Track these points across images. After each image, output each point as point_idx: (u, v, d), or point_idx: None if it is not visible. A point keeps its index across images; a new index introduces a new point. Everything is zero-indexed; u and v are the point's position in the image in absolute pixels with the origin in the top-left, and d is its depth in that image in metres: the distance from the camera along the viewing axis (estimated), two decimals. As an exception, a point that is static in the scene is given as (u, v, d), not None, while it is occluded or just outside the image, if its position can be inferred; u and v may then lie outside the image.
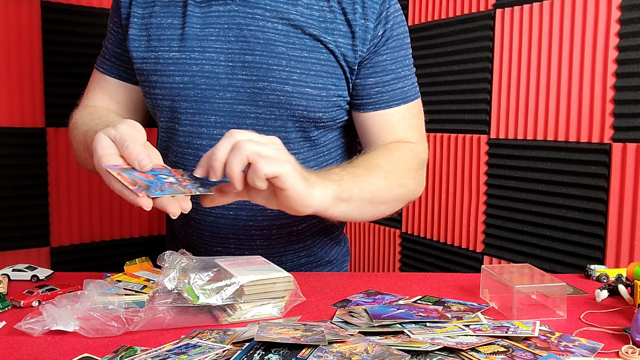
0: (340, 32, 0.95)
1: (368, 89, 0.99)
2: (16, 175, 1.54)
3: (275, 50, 0.93)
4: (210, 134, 0.97)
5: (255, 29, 0.94)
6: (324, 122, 0.99)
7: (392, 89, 1.00)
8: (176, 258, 0.79)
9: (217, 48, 0.94)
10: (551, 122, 1.45)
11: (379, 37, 0.97)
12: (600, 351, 0.65)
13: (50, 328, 0.70)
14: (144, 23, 0.98)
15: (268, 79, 0.93)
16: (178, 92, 0.96)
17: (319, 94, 0.95)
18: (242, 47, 0.94)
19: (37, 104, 1.55)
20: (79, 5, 1.61)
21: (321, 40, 0.94)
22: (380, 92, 0.99)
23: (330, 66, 0.95)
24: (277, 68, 0.93)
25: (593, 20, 1.35)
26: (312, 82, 0.94)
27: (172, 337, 0.70)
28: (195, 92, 0.95)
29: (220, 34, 0.94)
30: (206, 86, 0.95)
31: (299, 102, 0.94)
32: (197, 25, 0.95)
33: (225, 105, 0.95)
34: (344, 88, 0.98)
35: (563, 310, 0.78)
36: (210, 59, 0.94)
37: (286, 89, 0.94)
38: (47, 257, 1.61)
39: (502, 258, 1.60)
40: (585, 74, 1.37)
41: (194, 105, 0.96)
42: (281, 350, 0.63)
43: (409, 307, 0.78)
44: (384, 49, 0.98)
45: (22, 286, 0.90)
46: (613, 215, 1.33)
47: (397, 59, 1.00)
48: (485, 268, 0.87)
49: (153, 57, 0.97)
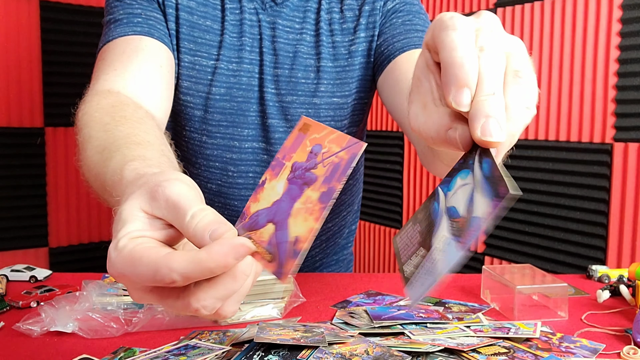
0: (360, 27, 0.92)
1: (396, 32, 0.90)
2: (14, 175, 1.54)
3: (303, 62, 0.91)
4: (242, 147, 0.93)
5: (284, 42, 0.91)
6: (347, 128, 0.97)
7: (414, 35, 0.90)
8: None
9: (253, 59, 0.91)
10: (552, 122, 1.45)
11: (389, 11, 0.92)
12: (601, 352, 0.65)
13: (48, 329, 0.70)
14: (184, 17, 0.87)
15: (297, 92, 0.92)
16: (213, 104, 0.90)
17: (346, 102, 0.94)
18: (272, 60, 0.91)
19: (35, 104, 1.55)
20: (78, 5, 1.61)
21: (344, 45, 0.92)
22: (407, 37, 0.89)
23: (354, 70, 0.93)
24: (305, 81, 0.91)
25: (594, 19, 1.35)
26: (338, 92, 0.93)
27: (171, 338, 0.70)
28: (232, 105, 0.91)
29: (255, 45, 0.91)
30: (242, 99, 0.91)
31: (327, 112, 0.93)
32: (235, 34, 0.90)
33: (257, 119, 0.92)
34: (367, 89, 0.95)
35: (564, 311, 0.77)
36: (247, 71, 0.90)
37: (314, 102, 0.92)
38: (46, 257, 1.61)
39: (503, 258, 1.60)
40: (587, 74, 1.37)
41: (229, 118, 0.91)
42: (281, 351, 0.62)
43: (410, 308, 0.77)
44: (398, 14, 0.92)
45: (20, 287, 0.89)
46: (615, 216, 1.32)
47: (410, 12, 0.92)
48: (486, 269, 0.86)
49: (188, 61, 0.88)
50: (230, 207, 0.94)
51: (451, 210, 0.40)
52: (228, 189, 0.94)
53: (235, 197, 0.94)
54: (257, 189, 0.43)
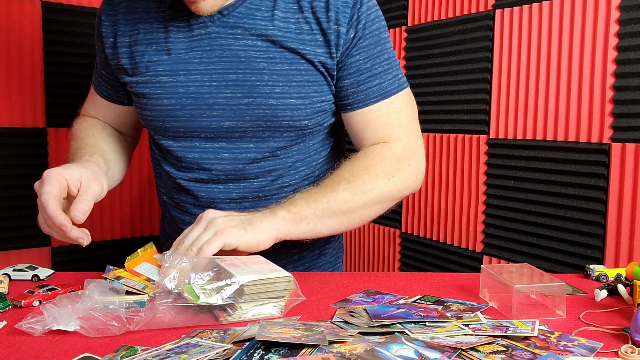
0: (317, 42, 0.98)
1: (344, 91, 1.02)
2: (17, 175, 1.54)
3: (257, 67, 0.98)
4: (203, 147, 1.03)
5: (236, 48, 0.98)
6: (310, 128, 1.02)
7: (367, 87, 1.01)
8: (176, 258, 0.79)
9: (202, 70, 0.99)
10: (550, 122, 1.45)
11: (351, 39, 0.99)
12: (599, 351, 0.65)
13: (51, 328, 0.71)
14: (131, 51, 1.03)
15: (252, 94, 0.98)
16: (167, 114, 1.01)
17: (303, 103, 0.99)
18: (225, 67, 0.99)
19: (37, 105, 1.56)
20: (80, 6, 1.61)
21: (299, 52, 0.98)
22: (356, 92, 1.01)
23: (310, 75, 0.99)
24: (260, 84, 0.98)
25: (592, 20, 1.35)
26: (295, 93, 0.98)
27: (172, 337, 0.70)
28: (184, 113, 1.00)
29: (204, 56, 0.99)
30: (192, 107, 1.00)
31: (284, 113, 0.99)
32: (182, 50, 1.00)
33: (213, 123, 1.00)
34: (327, 93, 1.01)
35: (562, 310, 0.78)
36: (195, 81, 0.99)
37: (270, 102, 0.98)
38: (48, 256, 1.61)
39: (501, 258, 1.60)
40: (585, 74, 1.37)
41: (184, 125, 1.01)
42: (281, 349, 0.63)
43: (409, 307, 0.78)
44: (356, 49, 1.00)
45: (23, 286, 0.90)
46: (612, 215, 1.33)
47: (371, 56, 1.01)
48: (485, 268, 0.87)
49: (142, 82, 1.02)
50: (199, 198, 1.07)
51: None
52: (195, 184, 1.06)
53: (201, 190, 1.06)
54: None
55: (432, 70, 1.78)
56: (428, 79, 1.78)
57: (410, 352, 0.62)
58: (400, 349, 0.63)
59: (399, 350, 0.63)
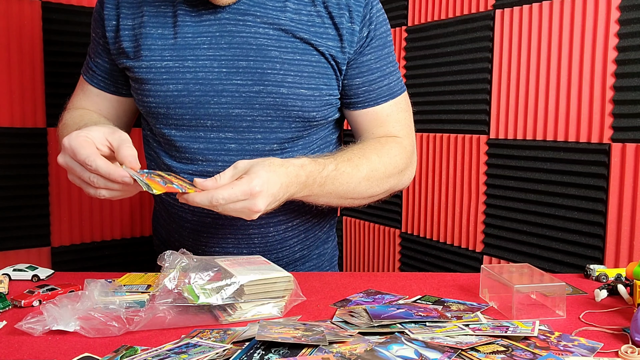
0: (329, 35, 0.99)
1: (356, 89, 1.03)
2: (17, 175, 1.54)
3: (268, 54, 0.96)
4: (208, 137, 1.00)
5: (247, 35, 0.97)
6: (317, 120, 1.02)
7: (378, 87, 1.04)
8: (176, 258, 0.79)
9: (210, 55, 0.97)
10: (550, 122, 1.45)
11: (364, 38, 1.01)
12: (599, 351, 0.65)
13: (50, 328, 0.71)
14: (134, 34, 1.00)
15: (263, 82, 0.96)
16: (173, 100, 0.98)
17: (313, 94, 0.99)
18: (235, 54, 0.97)
19: (38, 104, 1.56)
20: (80, 6, 1.61)
21: (312, 44, 0.98)
22: (368, 90, 1.04)
23: (321, 67, 0.99)
24: (271, 72, 0.96)
25: (592, 20, 1.35)
26: (305, 84, 0.98)
27: (172, 337, 0.70)
28: (190, 99, 0.98)
29: (213, 42, 0.97)
30: (200, 93, 0.97)
31: (295, 102, 0.98)
32: (189, 34, 0.98)
33: (221, 110, 0.98)
34: (335, 87, 1.02)
35: (562, 310, 0.78)
36: (204, 67, 0.97)
37: (282, 91, 0.97)
38: (48, 256, 1.61)
39: (501, 258, 1.60)
40: (585, 74, 1.37)
41: (190, 112, 0.98)
42: (281, 349, 0.63)
43: (409, 307, 0.78)
44: (369, 49, 1.02)
45: (23, 286, 0.90)
46: (612, 215, 1.33)
47: (381, 57, 1.04)
48: (485, 268, 0.87)
49: (145, 67, 0.98)
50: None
51: None
52: (199, 177, 1.01)
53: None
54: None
55: (432, 70, 1.77)
56: (428, 79, 1.78)
57: (410, 352, 0.62)
58: (400, 349, 0.63)
59: (399, 351, 0.63)
